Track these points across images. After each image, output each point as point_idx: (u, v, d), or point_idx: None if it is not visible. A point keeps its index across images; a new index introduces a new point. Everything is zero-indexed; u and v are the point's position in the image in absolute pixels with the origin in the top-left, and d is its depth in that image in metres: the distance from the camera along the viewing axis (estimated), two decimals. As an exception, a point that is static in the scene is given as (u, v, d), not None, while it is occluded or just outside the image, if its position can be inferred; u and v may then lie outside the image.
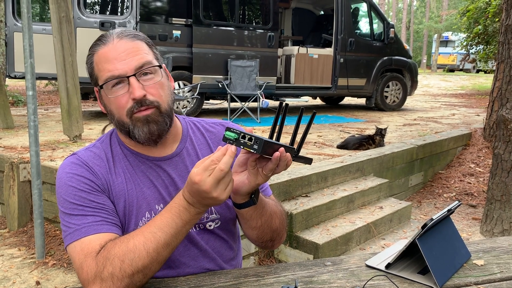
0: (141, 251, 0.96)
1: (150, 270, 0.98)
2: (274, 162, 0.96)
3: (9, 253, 3.31)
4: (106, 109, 1.14)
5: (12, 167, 3.69)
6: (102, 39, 1.11)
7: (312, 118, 1.01)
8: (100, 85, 1.09)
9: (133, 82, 1.06)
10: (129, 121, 1.09)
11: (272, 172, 0.99)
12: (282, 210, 1.24)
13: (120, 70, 1.06)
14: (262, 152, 0.92)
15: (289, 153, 0.99)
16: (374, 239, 3.63)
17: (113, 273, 0.95)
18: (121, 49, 1.08)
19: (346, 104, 10.29)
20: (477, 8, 12.69)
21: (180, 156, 1.19)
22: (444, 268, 1.12)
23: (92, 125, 6.02)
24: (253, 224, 1.13)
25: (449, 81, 20.61)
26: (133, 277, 0.96)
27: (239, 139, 0.93)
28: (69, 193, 1.07)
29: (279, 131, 1.00)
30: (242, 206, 1.08)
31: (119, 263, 0.96)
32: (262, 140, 0.91)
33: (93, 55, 1.11)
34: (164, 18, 6.59)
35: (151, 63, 1.10)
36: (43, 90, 13.52)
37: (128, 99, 1.07)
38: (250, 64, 6.95)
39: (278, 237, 1.21)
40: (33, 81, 3.15)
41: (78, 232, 1.03)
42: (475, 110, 9.34)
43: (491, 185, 3.83)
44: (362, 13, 9.58)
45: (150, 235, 0.98)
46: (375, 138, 4.86)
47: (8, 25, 6.35)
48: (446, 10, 37.35)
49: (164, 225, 0.98)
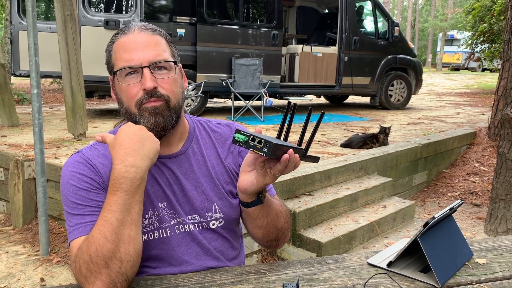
0: (99, 239, 0.96)
1: (121, 253, 0.97)
2: (283, 163, 0.97)
3: (14, 250, 3.33)
4: (116, 98, 1.16)
5: (17, 164, 3.71)
6: (124, 29, 1.13)
7: (320, 118, 1.01)
8: (114, 72, 1.11)
9: (146, 73, 1.08)
10: (137, 111, 1.09)
11: (280, 173, 1.00)
12: (287, 210, 1.25)
13: (136, 60, 1.08)
14: (272, 155, 0.93)
15: (297, 154, 0.99)
16: (377, 238, 3.63)
17: (89, 268, 0.96)
18: (140, 41, 1.10)
19: (350, 103, 10.26)
20: (483, 6, 12.62)
21: (186, 154, 1.20)
22: (445, 267, 1.12)
23: (97, 123, 6.04)
24: (259, 223, 1.14)
25: (454, 79, 20.51)
26: (108, 266, 0.95)
27: (249, 142, 0.93)
28: (70, 191, 1.07)
29: (287, 130, 1.01)
30: (249, 205, 1.09)
31: (88, 258, 0.96)
32: (272, 143, 0.91)
33: (113, 43, 1.13)
34: (169, 16, 6.60)
35: (167, 59, 1.12)
36: (48, 88, 13.59)
37: (139, 90, 1.09)
38: (254, 63, 6.95)
39: (283, 237, 1.22)
40: (38, 79, 3.17)
41: (75, 232, 1.04)
42: (480, 109, 9.30)
43: (496, 184, 3.81)
44: (367, 11, 9.55)
45: (101, 221, 0.97)
46: (379, 137, 4.85)
47: (13, 23, 6.38)
48: (451, 8, 37.17)
49: (109, 204, 0.98)
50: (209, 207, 1.19)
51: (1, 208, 4.13)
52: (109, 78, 1.17)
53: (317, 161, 1.09)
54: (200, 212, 1.18)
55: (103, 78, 5.73)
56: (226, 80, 6.77)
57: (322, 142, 5.10)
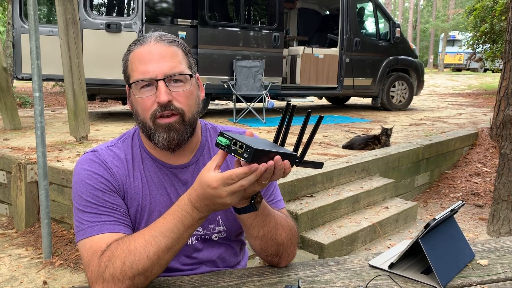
0: (142, 255, 0.97)
1: (151, 273, 0.99)
2: (269, 171, 0.92)
3: (16, 253, 3.34)
4: (132, 108, 1.15)
5: (20, 168, 3.72)
6: (140, 39, 1.12)
7: (318, 122, 0.97)
8: (130, 83, 1.10)
9: (160, 86, 1.06)
10: (152, 125, 1.09)
11: (268, 180, 0.95)
12: (292, 225, 1.19)
13: (151, 72, 1.07)
14: (253, 161, 0.88)
15: (287, 161, 0.94)
16: (379, 239, 3.62)
17: (114, 274, 0.96)
18: (156, 52, 1.08)
19: (352, 104, 10.26)
20: (484, 6, 12.60)
21: (197, 164, 1.19)
22: (447, 268, 1.12)
23: (99, 126, 6.05)
24: (254, 233, 1.11)
25: (456, 80, 20.48)
26: (133, 279, 0.97)
27: (231, 146, 0.89)
28: (85, 190, 1.07)
29: (284, 133, 0.97)
30: (241, 211, 1.05)
31: (120, 265, 0.96)
32: (253, 149, 0.86)
33: (129, 54, 1.12)
34: (170, 19, 6.62)
35: (183, 72, 1.10)
36: (50, 91, 13.63)
37: (153, 102, 1.07)
38: (255, 65, 6.95)
39: (285, 253, 1.17)
40: (40, 82, 3.18)
41: (90, 230, 1.04)
42: (482, 109, 9.27)
43: (498, 185, 3.81)
44: (368, 12, 9.56)
45: (151, 239, 0.98)
46: (380, 138, 4.85)
47: (15, 27, 6.41)
48: (452, 9, 37.14)
49: (166, 229, 0.98)
50: (213, 219, 1.19)
51: (3, 211, 4.14)
52: (126, 88, 1.16)
53: (320, 167, 1.04)
54: (203, 224, 1.18)
55: (105, 81, 5.75)
56: (228, 82, 6.78)
57: (323, 143, 5.10)
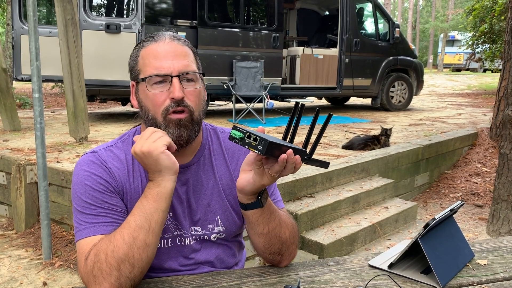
0: (118, 240, 0.99)
1: (134, 258, 0.99)
2: (281, 164, 0.95)
3: (16, 254, 3.34)
4: (139, 104, 1.14)
5: (19, 169, 3.72)
6: (154, 36, 1.13)
7: (327, 120, 0.98)
8: (142, 78, 1.10)
9: (175, 82, 1.07)
10: (162, 121, 1.09)
11: (279, 174, 0.98)
12: (294, 224, 1.20)
13: (166, 69, 1.08)
14: (267, 153, 0.90)
15: (298, 156, 0.96)
16: (379, 239, 3.62)
17: (101, 268, 0.97)
18: (171, 49, 1.10)
19: (351, 104, 10.26)
20: (483, 6, 12.61)
21: (197, 165, 1.19)
22: (446, 268, 1.12)
23: (98, 127, 6.05)
24: (259, 230, 1.11)
25: (455, 80, 20.49)
26: (119, 268, 0.97)
27: (245, 139, 0.91)
28: (84, 191, 1.08)
29: (293, 131, 0.99)
30: (248, 207, 1.07)
31: (104, 257, 0.98)
32: (267, 141, 0.89)
33: (140, 50, 1.12)
34: (169, 20, 6.61)
35: (195, 71, 1.12)
36: (50, 92, 13.62)
37: (166, 98, 1.08)
38: (255, 65, 6.95)
39: (288, 252, 1.17)
40: (39, 83, 3.18)
41: (87, 230, 1.05)
42: (482, 109, 9.28)
43: (498, 185, 3.81)
44: (367, 13, 9.56)
45: (124, 224, 1.02)
46: (380, 138, 4.85)
47: (15, 28, 6.41)
48: (452, 9, 37.18)
49: (134, 209, 1.03)
50: (212, 219, 1.19)
51: (3, 212, 4.14)
52: (131, 84, 1.16)
53: (326, 166, 1.05)
54: (202, 224, 1.18)
55: (104, 82, 5.75)
56: (227, 82, 6.78)
57: (323, 144, 5.10)
